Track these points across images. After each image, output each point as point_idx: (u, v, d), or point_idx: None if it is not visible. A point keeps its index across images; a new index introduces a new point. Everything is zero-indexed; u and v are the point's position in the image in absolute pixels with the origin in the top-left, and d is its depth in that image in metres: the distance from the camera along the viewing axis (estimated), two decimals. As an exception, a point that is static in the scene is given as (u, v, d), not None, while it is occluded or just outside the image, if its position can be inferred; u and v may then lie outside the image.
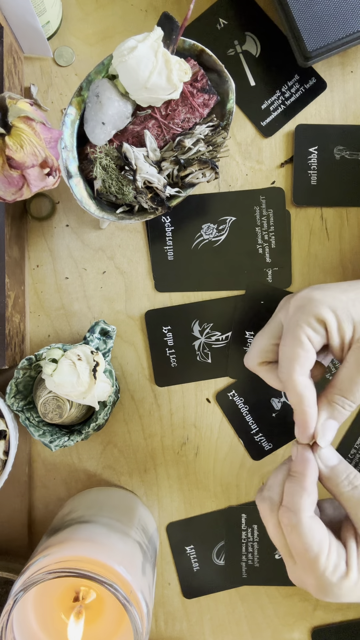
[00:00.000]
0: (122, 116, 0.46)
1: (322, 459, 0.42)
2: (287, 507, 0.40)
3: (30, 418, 0.49)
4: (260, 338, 0.46)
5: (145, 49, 0.43)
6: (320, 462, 0.41)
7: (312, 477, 0.40)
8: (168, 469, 0.55)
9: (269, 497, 0.42)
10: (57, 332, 0.54)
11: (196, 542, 0.55)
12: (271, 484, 0.42)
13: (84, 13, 0.54)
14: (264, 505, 0.42)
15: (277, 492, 0.41)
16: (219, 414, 0.54)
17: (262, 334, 0.46)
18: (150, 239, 0.54)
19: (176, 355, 0.54)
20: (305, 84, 0.53)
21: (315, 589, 0.39)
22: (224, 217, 0.53)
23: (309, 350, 0.41)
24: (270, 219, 0.53)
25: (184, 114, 0.47)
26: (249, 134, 0.53)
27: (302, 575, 0.39)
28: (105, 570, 0.40)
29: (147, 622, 0.41)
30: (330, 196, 0.53)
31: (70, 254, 0.54)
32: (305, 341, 0.41)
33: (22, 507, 0.54)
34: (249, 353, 0.47)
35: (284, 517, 0.40)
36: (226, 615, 0.55)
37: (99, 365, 0.46)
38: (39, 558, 0.41)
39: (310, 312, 0.41)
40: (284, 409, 0.54)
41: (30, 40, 0.51)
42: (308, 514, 0.39)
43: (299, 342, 0.41)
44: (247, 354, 0.48)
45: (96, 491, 0.53)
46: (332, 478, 0.41)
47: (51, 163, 0.41)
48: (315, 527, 0.39)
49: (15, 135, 0.39)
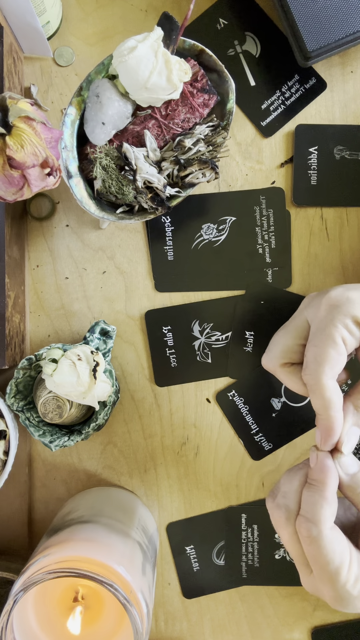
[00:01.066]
0: (122, 116, 0.46)
1: (342, 467, 0.40)
2: (306, 518, 0.38)
3: (30, 418, 0.49)
4: (283, 337, 0.44)
5: (145, 49, 0.43)
6: (341, 470, 0.40)
7: (333, 486, 0.39)
8: (168, 469, 0.55)
9: (284, 505, 0.40)
10: (57, 332, 0.54)
11: (196, 542, 0.55)
12: (286, 491, 0.40)
13: (84, 13, 0.54)
14: (278, 512, 0.40)
15: (294, 500, 0.39)
16: (219, 414, 0.54)
17: (285, 333, 0.44)
18: (150, 239, 0.54)
19: (176, 355, 0.54)
20: (305, 84, 0.53)
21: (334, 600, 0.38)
22: (224, 217, 0.53)
23: (342, 352, 0.39)
24: (270, 219, 0.53)
25: (184, 114, 0.47)
26: (249, 134, 0.53)
27: (320, 586, 0.38)
28: (105, 570, 0.40)
29: (147, 622, 0.41)
30: (330, 196, 0.53)
31: (70, 254, 0.54)
32: (340, 342, 0.39)
33: (22, 507, 0.54)
34: (270, 352, 0.45)
35: (303, 529, 0.38)
36: (226, 615, 0.55)
37: (99, 365, 0.46)
38: (39, 558, 0.41)
39: (348, 313, 0.39)
40: (284, 409, 0.54)
41: (30, 40, 0.51)
42: (329, 525, 0.37)
43: (332, 343, 0.39)
44: (267, 353, 0.45)
45: (96, 491, 0.53)
46: (352, 486, 0.39)
47: (52, 163, 0.41)
48: (336, 539, 0.37)
49: (15, 135, 0.39)
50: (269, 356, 0.45)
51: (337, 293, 0.41)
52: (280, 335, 0.45)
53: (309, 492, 0.39)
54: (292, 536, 0.39)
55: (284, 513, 0.39)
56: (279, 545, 0.54)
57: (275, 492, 0.41)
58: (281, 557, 0.54)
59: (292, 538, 0.39)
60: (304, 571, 0.39)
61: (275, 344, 0.45)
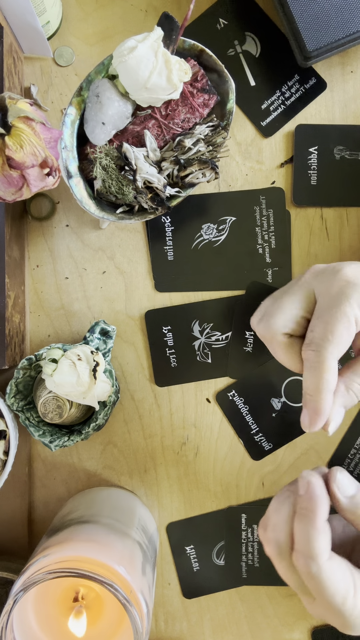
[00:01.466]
0: (122, 116, 0.46)
1: (340, 490, 0.38)
2: (302, 553, 0.36)
3: (30, 418, 0.49)
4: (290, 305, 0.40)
5: (145, 49, 0.43)
6: (339, 493, 0.38)
7: (324, 514, 0.36)
8: (168, 469, 0.55)
9: (274, 539, 0.38)
10: (57, 332, 0.54)
11: (196, 542, 0.55)
12: (275, 522, 0.38)
13: (84, 13, 0.54)
14: (270, 547, 0.38)
15: (284, 531, 0.37)
16: (219, 414, 0.54)
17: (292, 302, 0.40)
18: (150, 239, 0.54)
19: (176, 355, 0.54)
20: (305, 84, 0.53)
21: (343, 627, 0.36)
22: (224, 217, 0.53)
23: (352, 333, 0.37)
24: (270, 219, 0.53)
25: (184, 114, 0.47)
26: (249, 134, 0.53)
27: (325, 614, 0.37)
28: (105, 570, 0.40)
29: (147, 622, 0.41)
30: (330, 196, 0.53)
31: (70, 254, 0.54)
32: (353, 322, 0.37)
33: (22, 507, 0.54)
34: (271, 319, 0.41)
35: (301, 565, 0.36)
36: (226, 615, 0.55)
37: (99, 365, 0.46)
38: (39, 558, 0.41)
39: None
40: (284, 409, 0.54)
41: (30, 40, 0.51)
42: (326, 556, 0.36)
43: (346, 321, 0.37)
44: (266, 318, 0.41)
45: (96, 491, 0.53)
46: (351, 509, 0.38)
47: (51, 163, 0.41)
48: (336, 570, 0.36)
49: (15, 135, 0.39)
50: (269, 322, 0.41)
51: (354, 271, 0.38)
52: (287, 302, 0.41)
53: (301, 525, 0.36)
54: (288, 569, 0.37)
55: (275, 548, 0.38)
56: (279, 545, 0.54)
57: (265, 522, 0.39)
58: (281, 557, 0.54)
59: (288, 570, 0.38)
60: (307, 600, 0.38)
61: (280, 311, 0.41)
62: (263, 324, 0.42)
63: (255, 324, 0.43)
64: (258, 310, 0.44)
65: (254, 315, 0.44)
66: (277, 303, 0.41)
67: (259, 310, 0.44)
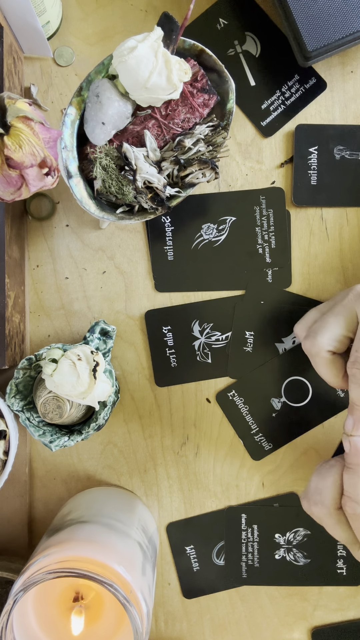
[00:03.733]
0: (122, 116, 0.46)
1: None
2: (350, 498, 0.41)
3: (30, 418, 0.49)
4: (335, 324, 0.44)
5: (145, 49, 0.43)
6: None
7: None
8: (168, 469, 0.55)
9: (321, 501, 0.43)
10: (57, 332, 0.54)
11: (196, 542, 0.55)
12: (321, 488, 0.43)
13: (84, 13, 0.54)
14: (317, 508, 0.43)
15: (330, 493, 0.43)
16: (219, 414, 0.54)
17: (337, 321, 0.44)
18: (150, 239, 0.54)
19: (176, 355, 0.54)
20: (305, 84, 0.53)
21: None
22: (224, 217, 0.53)
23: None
24: (270, 219, 0.53)
25: (184, 114, 0.47)
26: (249, 134, 0.53)
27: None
28: (105, 570, 0.40)
29: (147, 622, 0.41)
30: (330, 196, 0.53)
31: (70, 254, 0.54)
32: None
33: (22, 507, 0.54)
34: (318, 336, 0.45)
35: (349, 507, 0.41)
36: (226, 615, 0.55)
37: (99, 365, 0.46)
38: (39, 558, 0.41)
39: None
40: (284, 409, 0.54)
41: (30, 40, 0.51)
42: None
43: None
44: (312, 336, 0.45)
45: (96, 491, 0.53)
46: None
47: (50, 163, 0.41)
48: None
49: (13, 135, 0.39)
50: (316, 340, 0.45)
51: None
52: (332, 323, 0.44)
53: (349, 475, 0.42)
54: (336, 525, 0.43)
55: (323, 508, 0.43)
56: (278, 545, 0.54)
57: (306, 493, 0.44)
58: (281, 557, 0.54)
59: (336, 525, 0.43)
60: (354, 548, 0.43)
61: (325, 329, 0.44)
62: (309, 340, 0.45)
63: (302, 338, 0.47)
64: (304, 321, 0.48)
65: (299, 325, 0.48)
66: (322, 321, 0.45)
67: (305, 322, 0.48)
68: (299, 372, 0.54)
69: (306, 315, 0.48)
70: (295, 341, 0.53)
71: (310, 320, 0.47)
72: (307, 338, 0.46)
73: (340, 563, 0.54)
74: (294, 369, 0.54)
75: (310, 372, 0.53)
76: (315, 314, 0.47)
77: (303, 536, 0.54)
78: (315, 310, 0.48)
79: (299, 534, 0.54)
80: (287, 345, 0.54)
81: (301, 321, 0.48)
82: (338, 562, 0.54)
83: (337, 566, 0.54)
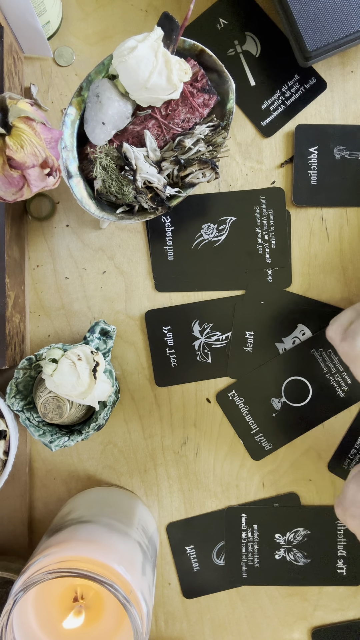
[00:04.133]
0: (122, 116, 0.46)
1: None
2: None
3: (30, 418, 0.49)
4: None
5: (145, 49, 0.43)
6: None
7: None
8: (168, 469, 0.55)
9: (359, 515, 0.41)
10: (57, 332, 0.54)
11: (196, 542, 0.55)
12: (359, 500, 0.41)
13: (84, 13, 0.54)
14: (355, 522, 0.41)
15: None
16: (219, 414, 0.54)
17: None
18: (150, 239, 0.54)
19: (176, 355, 0.54)
20: (305, 84, 0.53)
21: None
22: (224, 217, 0.53)
23: None
24: (270, 219, 0.53)
25: (184, 114, 0.47)
26: (249, 134, 0.53)
27: None
28: (105, 570, 0.40)
29: (147, 622, 0.41)
30: (330, 196, 0.53)
31: (70, 254, 0.54)
32: None
33: (22, 507, 0.54)
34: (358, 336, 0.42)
35: None
36: (226, 615, 0.55)
37: (99, 365, 0.46)
38: (39, 558, 0.41)
39: None
40: (284, 409, 0.54)
41: (30, 40, 0.51)
42: None
43: None
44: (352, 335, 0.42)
45: (96, 491, 0.53)
46: None
47: (51, 163, 0.41)
48: None
49: (15, 136, 0.39)
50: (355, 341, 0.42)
51: None
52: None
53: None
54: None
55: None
56: (279, 545, 0.54)
57: (342, 501, 0.42)
58: (281, 557, 0.54)
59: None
60: None
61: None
62: (348, 342, 0.42)
63: (338, 341, 0.43)
64: (338, 322, 0.44)
65: (332, 327, 0.45)
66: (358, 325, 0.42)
67: (339, 323, 0.44)
68: (299, 372, 0.54)
69: (340, 315, 0.45)
70: (295, 341, 0.53)
71: (346, 321, 0.44)
72: (344, 340, 0.42)
73: (340, 563, 0.54)
74: (294, 369, 0.54)
75: (310, 372, 0.54)
76: (351, 313, 0.44)
77: (303, 536, 0.54)
78: (351, 309, 0.44)
79: (299, 534, 0.54)
80: (287, 345, 0.54)
81: (335, 322, 0.45)
82: (338, 562, 0.54)
83: (337, 566, 0.54)
